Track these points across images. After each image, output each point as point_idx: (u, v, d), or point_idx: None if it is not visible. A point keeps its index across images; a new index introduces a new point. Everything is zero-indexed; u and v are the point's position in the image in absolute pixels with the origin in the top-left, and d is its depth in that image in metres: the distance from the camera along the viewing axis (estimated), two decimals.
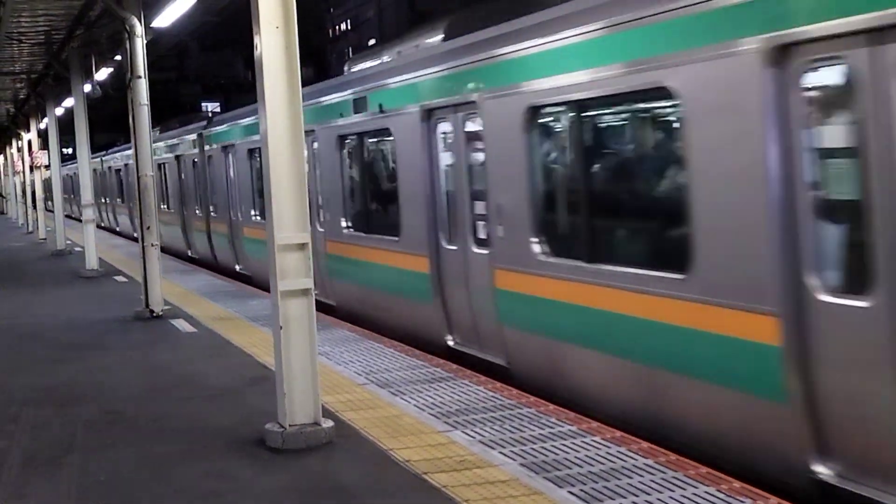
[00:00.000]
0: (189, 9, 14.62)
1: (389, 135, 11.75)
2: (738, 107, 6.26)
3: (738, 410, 6.45)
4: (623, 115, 8.36)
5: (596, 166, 8.49)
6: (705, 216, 6.61)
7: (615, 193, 8.44)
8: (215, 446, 7.25)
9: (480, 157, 9.65)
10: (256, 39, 6.97)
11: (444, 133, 10.48)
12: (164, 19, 15.23)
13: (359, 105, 12.45)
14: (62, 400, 9.04)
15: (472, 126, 9.77)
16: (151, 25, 15.32)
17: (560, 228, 8.75)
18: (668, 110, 7.29)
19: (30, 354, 11.63)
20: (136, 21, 14.02)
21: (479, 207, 9.73)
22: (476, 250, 9.76)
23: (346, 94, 12.94)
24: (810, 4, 5.74)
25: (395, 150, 11.67)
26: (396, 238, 11.48)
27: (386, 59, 13.34)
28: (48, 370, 10.54)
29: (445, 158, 10.53)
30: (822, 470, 5.85)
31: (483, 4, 11.64)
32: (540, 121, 8.79)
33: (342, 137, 13.26)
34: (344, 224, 13.33)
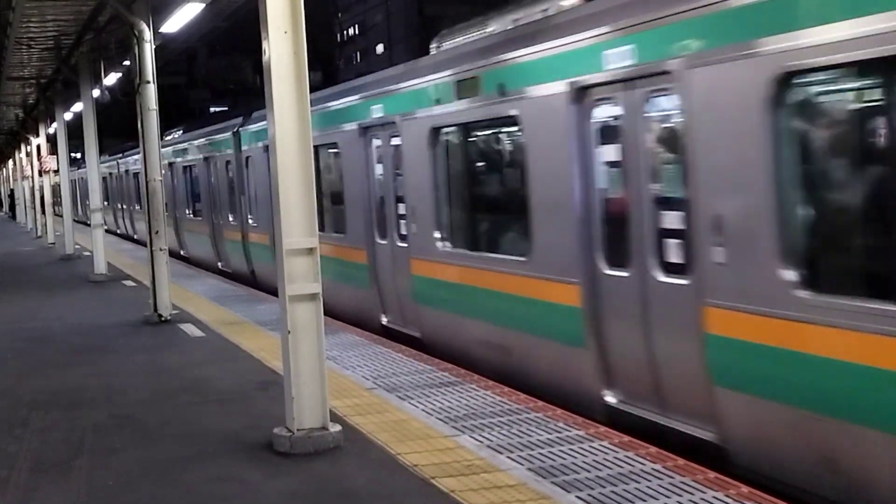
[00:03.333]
0: (198, 14, 14.66)
1: (337, 147, 13.76)
2: (556, 133, 8.18)
3: (559, 356, 8.45)
4: (484, 138, 10.59)
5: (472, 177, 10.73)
6: (537, 211, 8.64)
7: (488, 198, 10.60)
8: (223, 450, 7.26)
9: (402, 167, 11.71)
10: (265, 44, 6.98)
11: (376, 146, 12.53)
12: (173, 24, 15.26)
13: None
14: (71, 404, 9.07)
15: (395, 141, 11.86)
16: (160, 30, 15.33)
17: (453, 224, 10.78)
18: (517, 134, 9.17)
19: (39, 358, 11.67)
20: (144, 26, 14.08)
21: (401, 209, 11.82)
22: (399, 244, 11.80)
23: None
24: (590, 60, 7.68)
25: (342, 160, 13.56)
26: (343, 235, 13.44)
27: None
28: (57, 374, 10.57)
29: (378, 168, 12.61)
30: (609, 397, 7.83)
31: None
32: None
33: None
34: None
